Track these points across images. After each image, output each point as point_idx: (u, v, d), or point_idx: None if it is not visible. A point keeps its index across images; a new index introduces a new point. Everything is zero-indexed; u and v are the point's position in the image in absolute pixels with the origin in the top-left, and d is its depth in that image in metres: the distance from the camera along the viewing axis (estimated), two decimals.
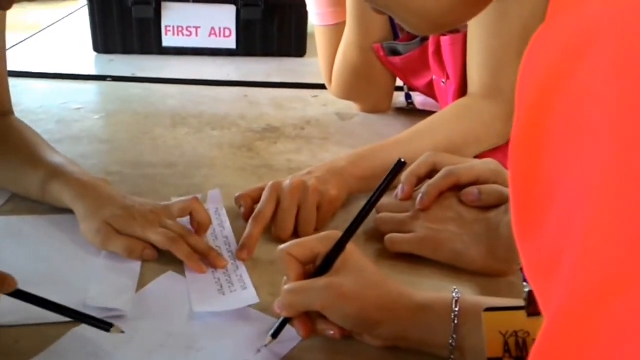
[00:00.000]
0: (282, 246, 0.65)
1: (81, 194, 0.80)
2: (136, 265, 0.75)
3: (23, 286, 0.62)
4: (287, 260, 0.64)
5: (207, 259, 0.76)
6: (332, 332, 0.62)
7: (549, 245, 0.23)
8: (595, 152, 0.21)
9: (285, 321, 0.63)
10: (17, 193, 0.89)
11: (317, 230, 0.82)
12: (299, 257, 0.64)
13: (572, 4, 0.24)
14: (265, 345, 0.62)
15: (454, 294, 0.60)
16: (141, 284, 0.72)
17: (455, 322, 0.59)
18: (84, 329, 0.63)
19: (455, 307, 0.59)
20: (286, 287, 0.63)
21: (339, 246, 0.64)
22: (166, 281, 0.73)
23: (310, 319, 0.62)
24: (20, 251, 0.78)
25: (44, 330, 0.63)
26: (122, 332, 0.61)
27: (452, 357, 0.59)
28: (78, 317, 0.62)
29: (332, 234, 0.66)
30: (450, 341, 0.59)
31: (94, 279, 0.72)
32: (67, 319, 0.63)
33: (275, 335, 0.62)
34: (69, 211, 0.81)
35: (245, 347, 0.63)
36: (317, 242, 0.65)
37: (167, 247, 0.75)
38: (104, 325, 0.61)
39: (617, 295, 0.19)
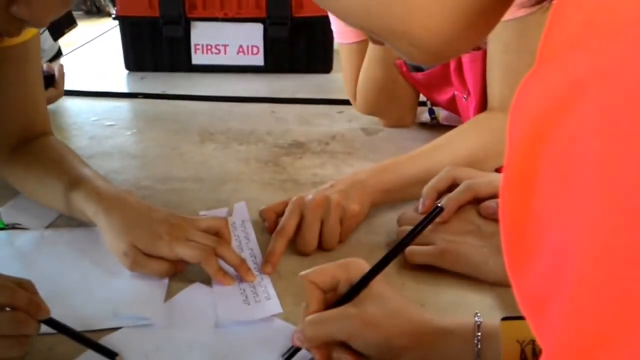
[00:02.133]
0: (303, 273, 0.65)
1: (104, 209, 0.80)
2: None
3: (57, 296, 0.65)
4: (308, 287, 0.64)
5: (238, 271, 0.77)
6: None
7: (538, 286, 0.24)
8: (584, 204, 0.22)
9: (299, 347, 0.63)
10: (45, 205, 0.91)
11: (340, 242, 0.84)
12: (319, 284, 0.64)
13: (559, 53, 0.25)
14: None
15: (476, 319, 0.60)
16: (169, 294, 0.75)
17: (479, 346, 0.59)
18: (114, 337, 0.66)
19: (478, 331, 0.59)
20: (308, 318, 0.62)
21: (366, 279, 0.63)
22: (193, 291, 0.75)
23: (327, 345, 0.62)
24: (54, 262, 0.81)
25: None
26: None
27: None
28: (92, 345, 0.64)
29: (353, 262, 0.66)
30: None
31: (124, 289, 0.75)
32: (99, 328, 0.67)
33: (288, 358, 0.64)
34: None
35: (269, 355, 0.64)
36: (338, 269, 0.65)
37: (197, 261, 0.75)
38: (112, 353, 0.63)
39: (604, 350, 0.20)
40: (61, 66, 1.36)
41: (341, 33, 1.23)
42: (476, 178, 0.80)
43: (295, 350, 0.63)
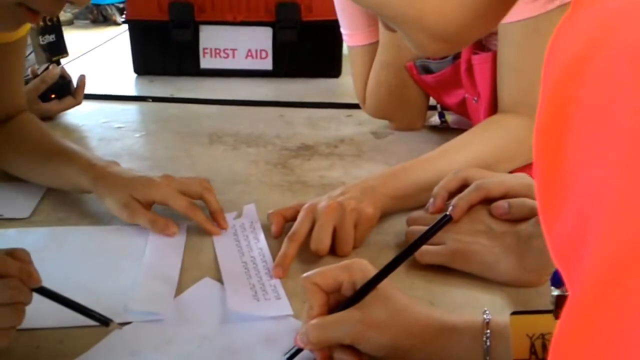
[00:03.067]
0: (306, 274, 0.64)
1: (99, 176, 0.88)
2: (175, 272, 0.78)
3: (69, 292, 0.66)
4: (311, 289, 0.63)
5: (214, 217, 0.88)
6: None
7: (571, 228, 0.23)
8: (618, 138, 0.21)
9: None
10: (31, 179, 0.97)
11: (355, 248, 0.83)
12: (322, 286, 0.63)
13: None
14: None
15: (484, 316, 0.60)
16: (179, 290, 0.75)
17: (488, 344, 0.58)
18: (126, 331, 0.66)
19: (487, 329, 0.58)
20: (313, 322, 0.61)
21: (371, 284, 0.62)
22: (203, 287, 0.75)
23: (329, 347, 0.62)
24: (65, 259, 0.81)
25: (87, 332, 0.66)
26: (120, 327, 0.65)
27: None
28: (86, 312, 0.65)
29: (356, 263, 0.65)
30: None
31: (135, 285, 0.75)
32: None
33: (290, 358, 0.63)
34: (110, 222, 0.86)
35: (278, 352, 0.64)
36: (341, 271, 0.64)
37: (186, 212, 0.85)
38: (105, 320, 0.64)
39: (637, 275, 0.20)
40: (83, 77, 1.38)
41: (351, 36, 1.23)
42: (487, 178, 0.79)
43: (297, 350, 0.63)
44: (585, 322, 0.22)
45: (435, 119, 1.28)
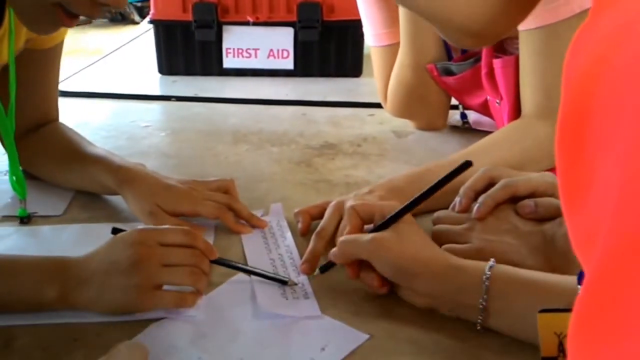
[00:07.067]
0: (350, 203, 0.79)
1: (127, 179, 0.90)
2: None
3: None
4: (351, 213, 0.78)
5: (249, 222, 0.90)
6: (374, 283, 0.72)
7: (591, 221, 0.25)
8: (632, 130, 0.23)
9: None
10: (62, 183, 0.99)
11: None
12: (360, 212, 0.77)
13: (611, 5, 0.27)
14: (314, 275, 0.77)
15: (490, 263, 0.67)
16: (210, 287, 0.76)
17: (487, 283, 0.65)
18: (161, 325, 0.68)
19: (488, 271, 0.66)
20: (342, 238, 0.74)
21: (396, 216, 0.73)
22: (232, 285, 0.77)
23: (358, 266, 0.73)
24: None
25: (124, 326, 0.68)
26: (296, 284, 0.76)
27: (479, 318, 0.66)
28: (261, 274, 0.77)
29: (391, 202, 0.78)
30: (480, 300, 0.65)
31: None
32: (144, 318, 0.69)
33: (323, 270, 0.77)
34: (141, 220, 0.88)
35: (309, 347, 0.66)
36: (380, 206, 0.77)
37: (216, 216, 0.88)
38: (283, 280, 0.76)
39: None
40: None
41: (373, 36, 1.24)
42: (514, 177, 0.80)
43: (330, 264, 0.76)
44: (603, 292, 0.23)
45: (456, 119, 1.29)
